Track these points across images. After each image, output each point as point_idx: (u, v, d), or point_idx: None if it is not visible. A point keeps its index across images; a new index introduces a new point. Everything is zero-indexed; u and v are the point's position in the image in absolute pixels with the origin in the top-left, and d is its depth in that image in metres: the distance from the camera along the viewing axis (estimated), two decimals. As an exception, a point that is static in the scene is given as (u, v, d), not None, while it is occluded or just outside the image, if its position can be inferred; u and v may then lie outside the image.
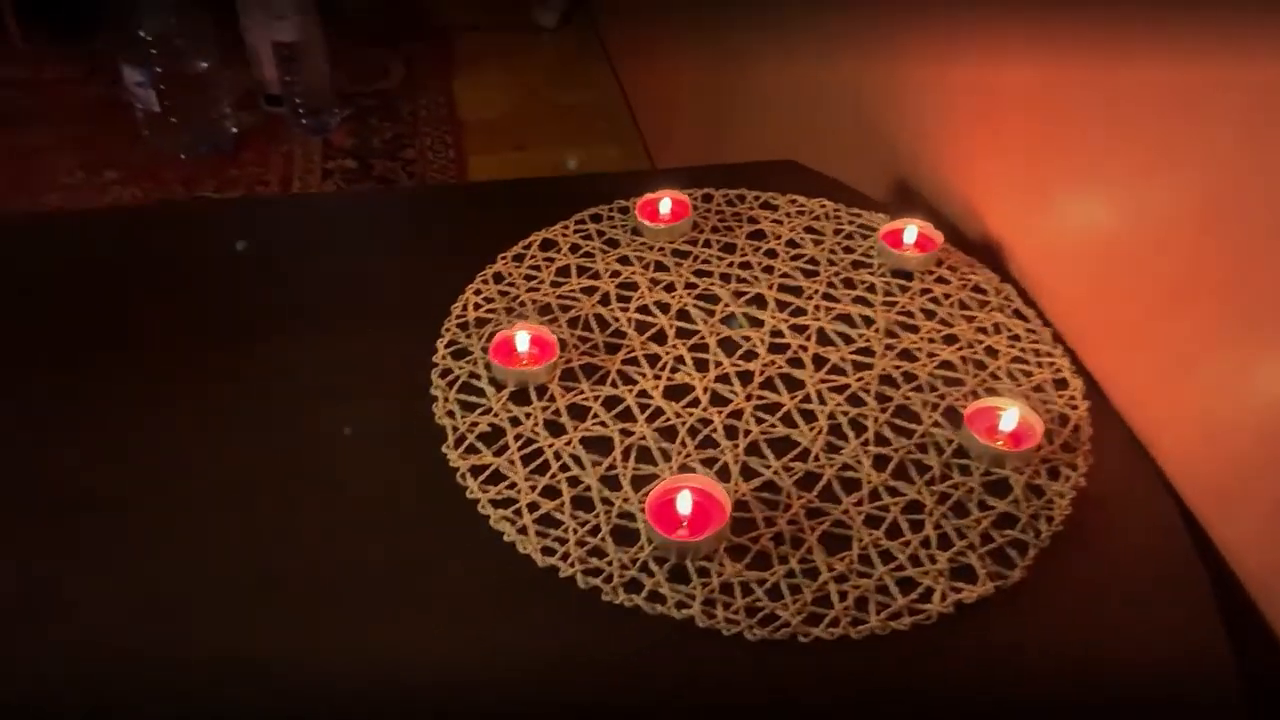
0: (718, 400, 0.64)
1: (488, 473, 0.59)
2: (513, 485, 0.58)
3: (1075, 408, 0.64)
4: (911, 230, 0.75)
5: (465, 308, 0.70)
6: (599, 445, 0.61)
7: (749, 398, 0.64)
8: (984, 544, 0.56)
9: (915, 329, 0.70)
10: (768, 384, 0.65)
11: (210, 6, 1.94)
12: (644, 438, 0.61)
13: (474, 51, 2.35)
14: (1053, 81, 0.69)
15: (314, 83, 1.97)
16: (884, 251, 0.75)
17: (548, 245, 0.76)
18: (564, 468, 0.59)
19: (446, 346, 0.67)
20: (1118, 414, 0.65)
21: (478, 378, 0.65)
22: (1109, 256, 0.66)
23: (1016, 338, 0.70)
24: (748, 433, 0.62)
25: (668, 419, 0.62)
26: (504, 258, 0.75)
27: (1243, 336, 0.56)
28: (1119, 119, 0.63)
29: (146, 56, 1.85)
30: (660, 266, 0.75)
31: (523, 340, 0.65)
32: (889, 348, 0.68)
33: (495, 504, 0.57)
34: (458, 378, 0.65)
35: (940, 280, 0.74)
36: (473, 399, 0.63)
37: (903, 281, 0.74)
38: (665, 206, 0.77)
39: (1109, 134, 0.64)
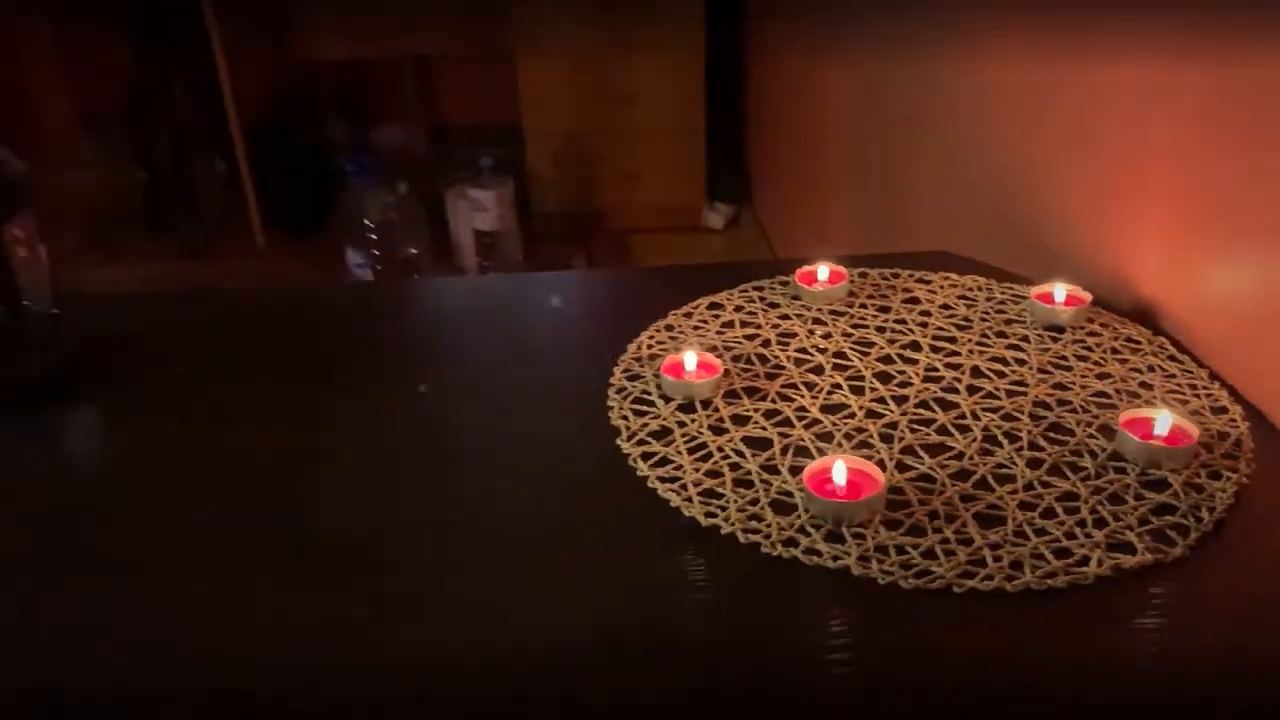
0: (873, 415, 0.68)
1: (656, 458, 0.64)
2: (679, 467, 0.63)
3: (1236, 426, 0.65)
4: (1061, 290, 0.79)
5: (639, 347, 0.78)
6: (759, 444, 0.65)
7: (904, 414, 0.68)
8: (1142, 525, 0.56)
9: (1069, 368, 0.72)
10: (922, 405, 0.69)
11: (424, 200, 2.23)
12: (802, 439, 0.65)
13: (648, 248, 2.56)
14: (1195, 149, 0.73)
15: (507, 268, 2.20)
16: (1035, 308, 0.79)
17: (714, 306, 0.84)
18: (725, 457, 0.64)
19: (622, 373, 0.74)
20: (1284, 435, 0.64)
21: (649, 394, 0.71)
22: (1264, 301, 0.68)
23: (1172, 375, 0.71)
24: (902, 439, 0.65)
25: (824, 427, 0.67)
26: (674, 314, 0.83)
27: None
28: (1259, 172, 0.67)
29: (368, 242, 2.12)
30: (818, 321, 0.81)
31: (690, 360, 0.72)
32: (1042, 380, 0.71)
33: (662, 480, 0.62)
34: (631, 393, 0.72)
35: (1092, 333, 0.77)
36: (644, 408, 0.70)
37: (1055, 334, 0.77)
38: (823, 273, 0.84)
39: (1252, 188, 0.68)
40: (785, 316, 0.82)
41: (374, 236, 2.11)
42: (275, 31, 2.79)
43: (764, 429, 0.67)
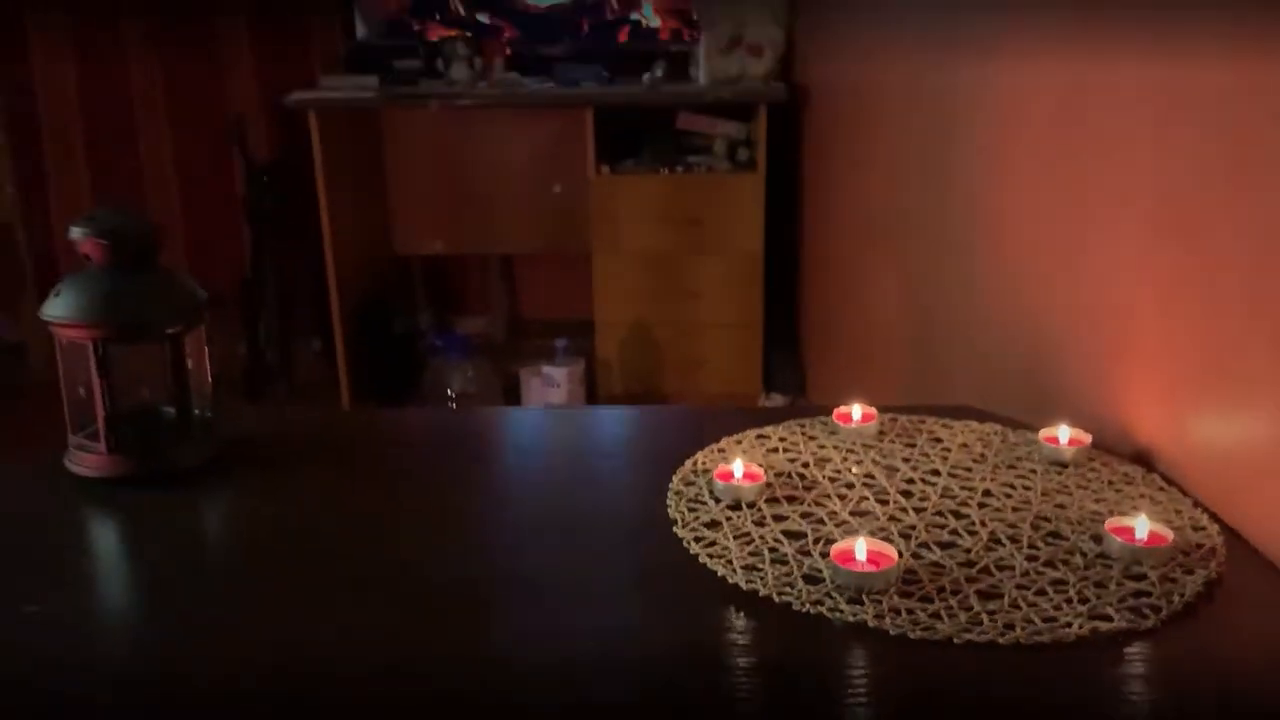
0: (895, 519, 0.79)
1: (706, 541, 0.76)
2: (725, 548, 0.75)
3: (1211, 538, 0.74)
4: (1065, 431, 0.91)
5: (694, 463, 0.91)
6: (794, 535, 0.77)
7: (921, 519, 0.79)
8: (1120, 603, 0.66)
9: (1069, 494, 0.83)
10: (938, 514, 0.80)
11: (500, 379, 2.43)
12: (832, 534, 0.77)
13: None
14: (1176, 322, 0.87)
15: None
16: (1042, 448, 0.90)
17: (762, 436, 0.97)
18: (765, 544, 0.75)
19: (680, 479, 0.87)
20: (1258, 550, 0.74)
21: (702, 498, 0.83)
22: (1240, 444, 0.79)
23: (1160, 502, 0.81)
24: (919, 538, 0.76)
25: (851, 526, 0.78)
26: (726, 439, 0.96)
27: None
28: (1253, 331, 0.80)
29: (448, 411, 2.30)
30: (851, 451, 0.93)
31: (738, 469, 0.84)
32: (1045, 501, 0.82)
33: (711, 555, 0.73)
34: (685, 495, 0.84)
35: (1092, 470, 0.88)
36: (697, 506, 0.82)
37: (1059, 469, 0.88)
38: (857, 413, 0.97)
39: (1228, 357, 0.80)
40: (822, 446, 0.94)
41: (454, 406, 2.30)
42: (378, 227, 3.12)
43: (799, 525, 0.78)
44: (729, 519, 0.79)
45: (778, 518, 0.79)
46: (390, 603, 0.69)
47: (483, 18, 3.01)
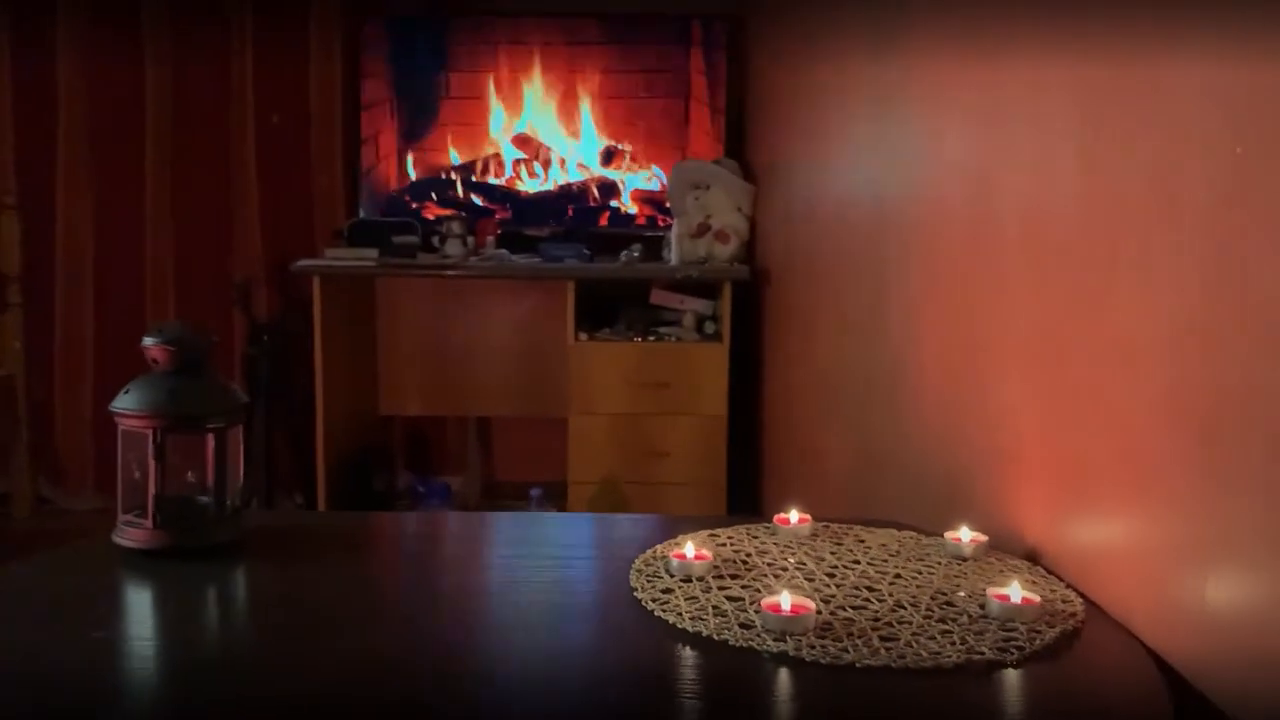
0: (818, 591, 0.95)
1: (661, 602, 0.91)
2: (677, 606, 0.90)
3: (1074, 606, 0.91)
4: (966, 531, 1.08)
5: (654, 551, 1.07)
6: (734, 599, 0.92)
7: (839, 589, 0.95)
8: (993, 645, 0.82)
9: (965, 577, 1.00)
10: (854, 588, 0.96)
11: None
12: (765, 598, 0.92)
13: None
14: (1059, 434, 1.06)
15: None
16: (946, 544, 1.07)
17: (713, 535, 1.13)
18: (710, 602, 0.91)
19: (641, 561, 1.03)
20: (1110, 615, 0.90)
21: (659, 574, 0.99)
22: (1102, 541, 0.97)
23: (1036, 583, 0.98)
24: (837, 602, 0.92)
25: (781, 594, 0.94)
26: (682, 536, 1.12)
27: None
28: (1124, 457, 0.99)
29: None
30: (788, 547, 1.09)
31: (689, 549, 1.00)
32: (945, 581, 0.98)
33: (664, 611, 0.89)
34: (644, 572, 0.99)
35: (987, 563, 1.05)
36: (655, 579, 0.97)
37: (960, 561, 1.05)
38: (794, 516, 1.14)
39: (1102, 450, 1.00)
40: (764, 543, 1.10)
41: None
42: (366, 387, 3.31)
43: (739, 593, 0.94)
44: (681, 588, 0.95)
45: (722, 588, 0.95)
46: (391, 671, 0.84)
47: (477, 200, 3.33)
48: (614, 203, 3.32)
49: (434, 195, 3.33)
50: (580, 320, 2.90)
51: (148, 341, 1.04)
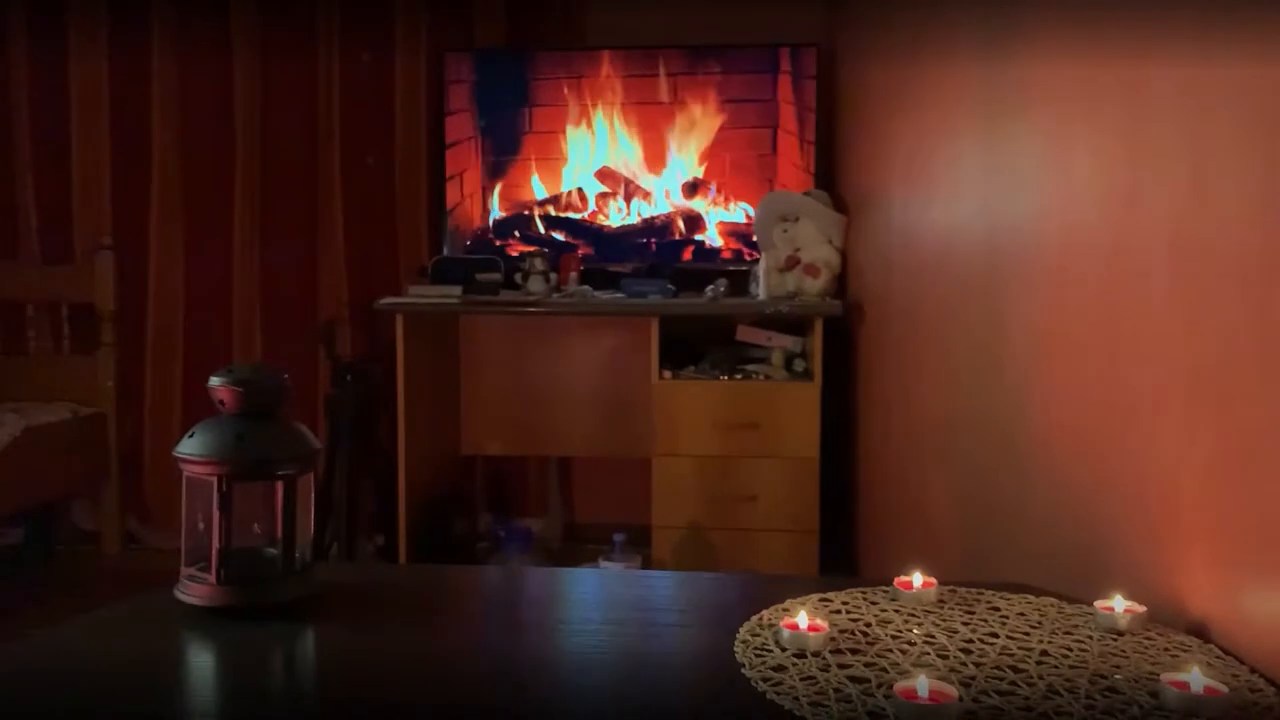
0: (956, 672, 0.82)
1: (773, 681, 0.80)
2: (792, 688, 0.78)
3: (1267, 697, 0.76)
4: (1120, 601, 0.94)
5: (760, 619, 0.95)
6: (858, 680, 0.80)
7: (981, 671, 0.82)
8: (1179, 746, 0.68)
9: (1126, 656, 0.86)
10: (997, 669, 0.83)
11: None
12: (895, 679, 0.80)
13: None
14: (1226, 491, 0.92)
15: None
16: (1098, 616, 0.93)
17: (824, 600, 1.01)
18: (830, 684, 0.79)
19: (747, 631, 0.91)
20: (1314, 710, 0.75)
21: (768, 646, 0.88)
22: None
23: (1216, 667, 0.83)
24: (979, 686, 0.79)
25: (913, 678, 0.81)
26: (791, 601, 1.00)
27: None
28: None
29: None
30: (912, 615, 0.97)
31: (803, 619, 0.89)
32: (1102, 661, 0.84)
33: (778, 694, 0.77)
34: (751, 644, 0.88)
35: (1148, 638, 0.90)
36: (764, 653, 0.86)
37: (1114, 636, 0.91)
38: (917, 580, 1.02)
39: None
40: (884, 610, 0.98)
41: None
42: (448, 427, 3.27)
43: (863, 671, 0.82)
44: (795, 664, 0.83)
45: (842, 665, 0.83)
46: None
47: (559, 235, 3.27)
48: (699, 236, 3.23)
49: (517, 231, 3.28)
50: (664, 358, 2.80)
51: (214, 382, 0.98)
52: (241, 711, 0.80)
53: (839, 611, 0.97)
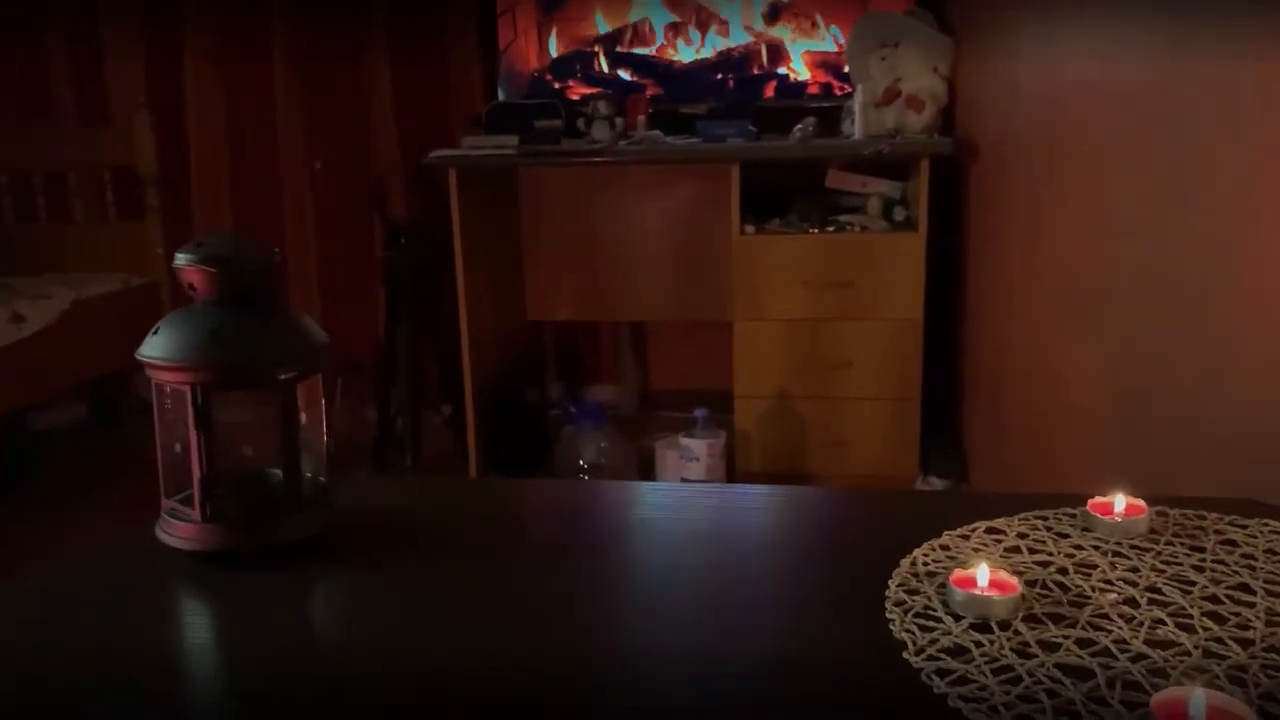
0: (1213, 656, 0.57)
1: (953, 676, 0.56)
2: (983, 688, 0.54)
3: None
4: None
5: (914, 563, 0.71)
6: (1077, 673, 0.56)
7: (1253, 657, 0.57)
8: None
9: None
10: (1272, 650, 0.58)
11: (632, 445, 2.26)
12: (1129, 672, 0.55)
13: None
14: None
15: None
16: (1394, 559, 0.67)
17: (993, 531, 0.76)
18: (1038, 683, 0.55)
19: (899, 586, 0.67)
20: None
21: (933, 611, 0.63)
22: None
23: None
24: (1259, 684, 0.54)
25: (1154, 662, 0.57)
26: (949, 534, 0.76)
27: None
28: None
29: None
30: (1119, 554, 0.71)
31: (982, 575, 0.64)
32: None
33: (965, 699, 0.53)
34: (910, 607, 0.64)
35: None
36: (930, 623, 0.62)
37: None
38: (1120, 504, 0.76)
39: None
40: (1079, 548, 0.73)
41: (585, 477, 2.14)
42: (512, 292, 3.04)
43: (1080, 658, 0.57)
44: (978, 645, 0.59)
45: (1046, 645, 0.59)
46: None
47: (625, 74, 2.93)
48: (782, 70, 2.85)
49: (578, 71, 2.95)
50: (746, 210, 2.50)
51: (180, 261, 0.74)
52: (223, 695, 0.60)
53: (1016, 549, 0.72)
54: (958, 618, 0.62)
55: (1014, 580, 0.64)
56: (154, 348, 0.72)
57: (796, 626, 0.64)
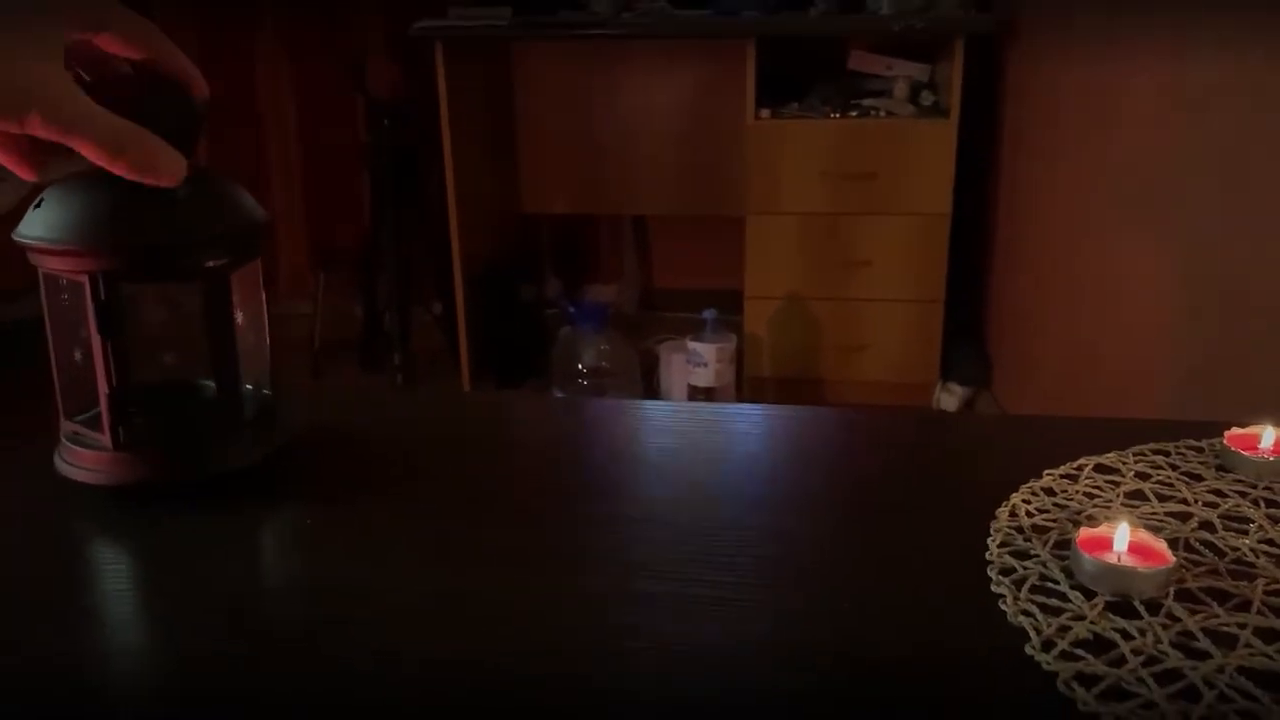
0: None
1: (1100, 684, 0.41)
2: (1147, 705, 0.40)
3: None
4: None
5: (1015, 513, 0.56)
6: (1269, 681, 0.41)
7: None
8: None
9: None
10: None
11: (635, 348, 2.11)
12: (1343, 681, 0.41)
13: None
14: None
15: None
16: None
17: (1104, 469, 0.61)
18: (1221, 697, 0.40)
19: (1000, 546, 0.52)
20: None
21: (1053, 582, 0.49)
22: None
23: None
24: None
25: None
26: (1050, 474, 0.61)
27: None
28: None
29: (578, 388, 2.00)
30: (1274, 504, 0.56)
31: (1122, 534, 0.49)
32: None
33: (1107, 706, 0.39)
34: (1022, 577, 0.49)
35: None
36: (1053, 601, 0.47)
37: None
38: (1269, 439, 0.60)
39: None
40: (1219, 494, 0.58)
41: (584, 383, 1.99)
42: (506, 181, 2.84)
43: (1270, 658, 0.43)
44: (1127, 636, 0.44)
45: (1219, 639, 0.44)
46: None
47: (630, -58, 2.67)
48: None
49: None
50: (761, 93, 2.29)
51: (68, 110, 0.56)
52: (141, 665, 0.45)
53: (1140, 495, 0.58)
54: (1088, 594, 0.47)
55: (1161, 545, 0.49)
56: (37, 226, 0.55)
57: (872, 613, 0.49)
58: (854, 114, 2.29)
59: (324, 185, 3.06)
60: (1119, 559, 0.48)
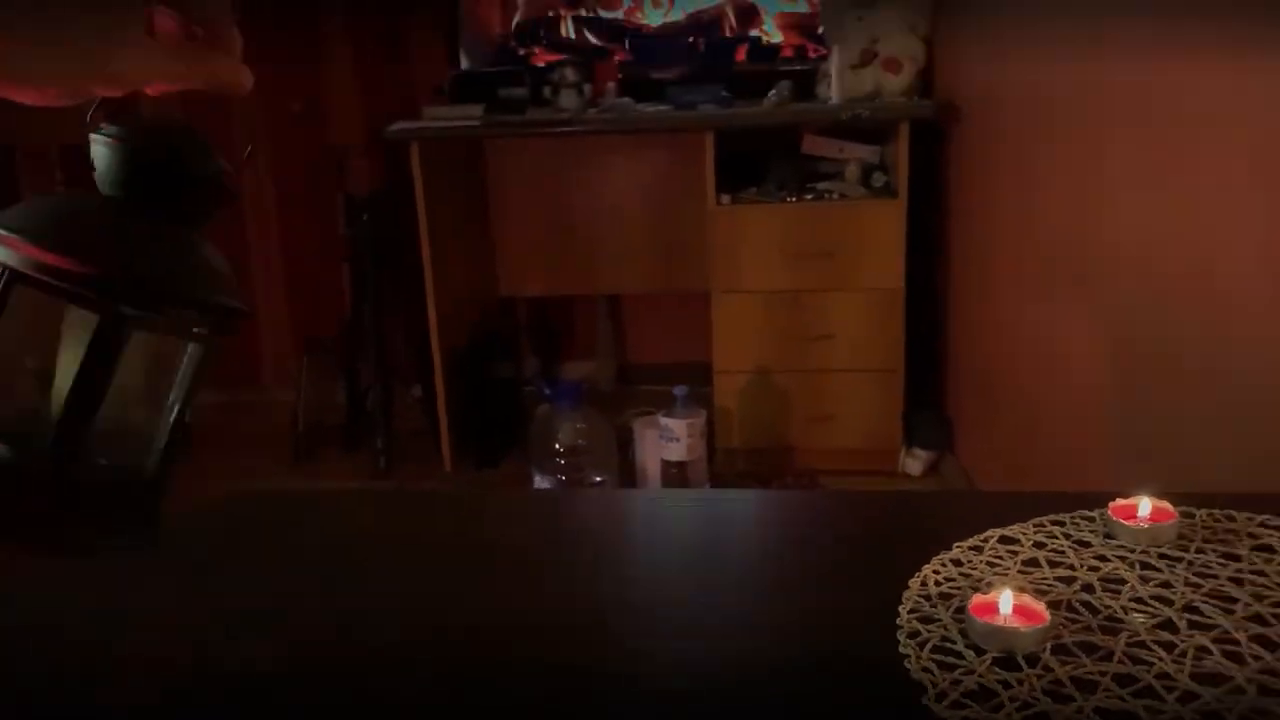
0: (1269, 692, 0.51)
1: (981, 728, 0.49)
2: (1018, 744, 0.48)
3: None
4: None
5: (924, 583, 0.64)
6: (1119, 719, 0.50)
7: (1313, 694, 0.51)
8: None
9: None
10: (1334, 684, 0.52)
11: (610, 421, 2.19)
12: (1180, 717, 0.49)
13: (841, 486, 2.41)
14: None
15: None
16: None
17: (1007, 540, 0.70)
18: (1081, 736, 0.48)
19: (910, 613, 0.61)
20: None
21: (952, 643, 0.57)
22: None
23: None
24: (1325, 729, 0.48)
25: (1207, 704, 0.50)
26: (959, 546, 0.69)
27: None
28: None
29: (556, 467, 2.08)
30: (1148, 566, 0.65)
31: (1006, 602, 0.57)
32: None
33: (1000, 758, 0.47)
34: (925, 639, 0.57)
35: None
36: (950, 659, 0.55)
37: None
38: (1145, 508, 0.69)
39: None
40: (1102, 558, 0.66)
41: (561, 461, 2.07)
42: (482, 266, 2.95)
43: (1123, 700, 0.51)
44: (1006, 686, 0.53)
45: (1082, 685, 0.52)
46: None
47: (592, 37, 2.83)
48: (754, 32, 2.76)
49: (543, 37, 2.84)
50: (721, 179, 2.42)
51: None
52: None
53: (1034, 562, 0.66)
54: (979, 651, 0.56)
55: (1040, 607, 0.57)
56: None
57: (797, 666, 0.57)
58: (809, 197, 2.42)
59: (305, 275, 3.15)
60: (1004, 620, 0.57)
